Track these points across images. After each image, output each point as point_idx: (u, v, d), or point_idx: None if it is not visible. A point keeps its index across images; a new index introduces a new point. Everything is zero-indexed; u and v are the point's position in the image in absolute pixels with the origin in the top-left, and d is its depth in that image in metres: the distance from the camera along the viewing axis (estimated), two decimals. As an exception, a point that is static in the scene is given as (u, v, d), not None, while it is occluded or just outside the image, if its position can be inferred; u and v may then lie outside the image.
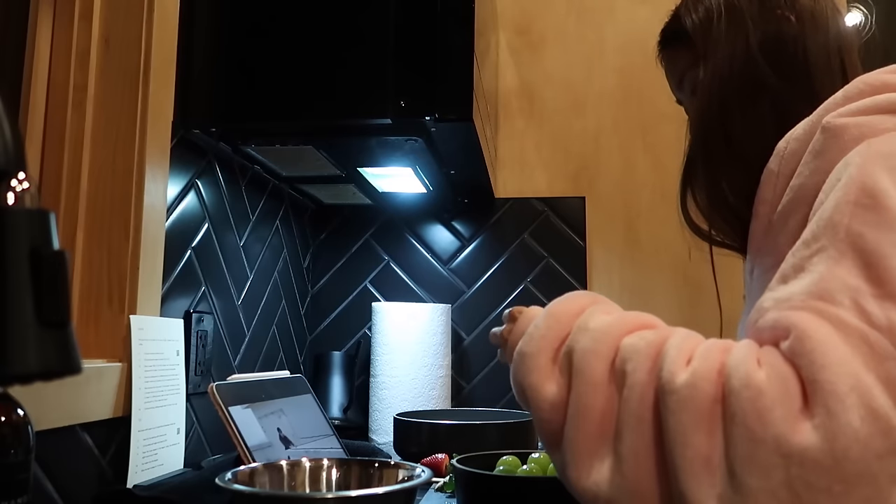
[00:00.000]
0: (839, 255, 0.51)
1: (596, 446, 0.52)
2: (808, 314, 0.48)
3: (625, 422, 0.51)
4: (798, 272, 0.53)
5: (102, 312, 0.96)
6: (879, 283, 0.48)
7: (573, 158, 1.77)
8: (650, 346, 0.53)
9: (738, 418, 0.45)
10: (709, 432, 0.47)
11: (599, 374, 0.54)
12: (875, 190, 0.52)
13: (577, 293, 0.64)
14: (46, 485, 0.81)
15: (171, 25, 1.08)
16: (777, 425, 0.44)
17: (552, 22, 1.82)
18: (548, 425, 0.56)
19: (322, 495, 0.77)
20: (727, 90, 0.73)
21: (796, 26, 0.73)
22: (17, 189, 0.37)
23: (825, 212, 0.54)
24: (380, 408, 1.52)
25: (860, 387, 0.43)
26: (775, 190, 0.66)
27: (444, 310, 1.58)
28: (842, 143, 0.60)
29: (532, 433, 1.23)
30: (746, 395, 0.46)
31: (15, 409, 0.52)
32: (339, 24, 1.15)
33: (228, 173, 1.30)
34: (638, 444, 0.50)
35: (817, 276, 0.51)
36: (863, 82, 0.64)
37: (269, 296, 1.50)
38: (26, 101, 0.97)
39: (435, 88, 1.13)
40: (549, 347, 0.58)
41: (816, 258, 0.52)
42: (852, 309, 0.47)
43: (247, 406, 0.95)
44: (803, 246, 0.54)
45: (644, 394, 0.51)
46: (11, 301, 0.35)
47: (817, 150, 0.62)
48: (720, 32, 0.74)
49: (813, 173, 0.61)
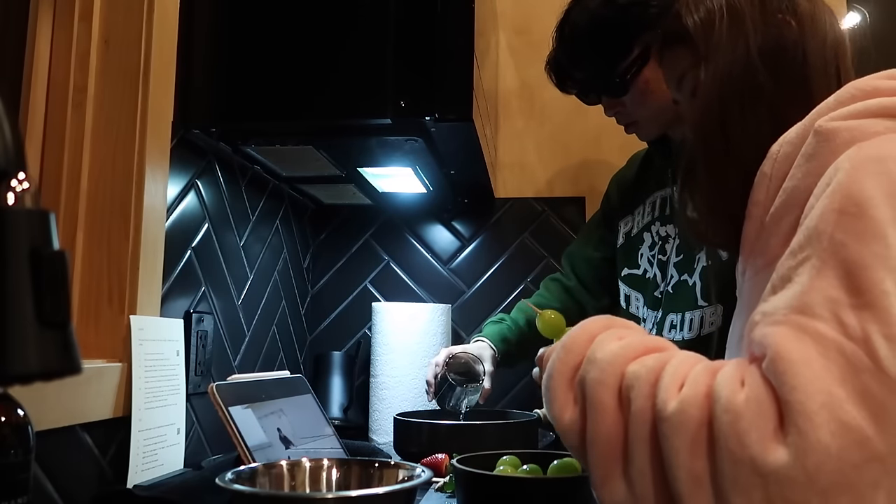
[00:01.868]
0: (822, 265, 0.52)
1: (612, 469, 0.56)
2: (786, 330, 0.51)
3: (632, 446, 0.54)
4: (785, 283, 0.55)
5: (102, 312, 0.96)
6: (858, 293, 0.49)
7: (573, 158, 1.77)
8: (650, 372, 0.55)
9: (720, 441, 0.49)
10: (697, 455, 0.50)
11: (608, 403, 0.57)
12: (861, 198, 0.53)
13: (591, 319, 0.67)
14: (46, 485, 0.81)
15: (171, 25, 1.08)
16: (753, 446, 0.47)
17: (552, 22, 1.80)
18: (573, 449, 0.61)
19: (322, 495, 0.77)
20: (727, 94, 0.73)
21: (796, 31, 0.73)
22: (17, 189, 0.37)
23: (811, 220, 0.55)
24: (380, 408, 1.52)
25: (831, 402, 0.46)
26: (768, 192, 0.67)
27: (444, 310, 1.58)
28: (833, 147, 0.61)
29: (532, 433, 1.23)
30: (726, 418, 0.49)
31: (15, 409, 0.52)
32: (339, 24, 1.15)
33: (228, 173, 1.30)
34: (644, 466, 0.53)
35: (799, 287, 0.53)
36: (854, 87, 0.64)
37: (269, 296, 1.50)
38: (26, 101, 0.97)
39: (435, 88, 1.13)
40: (565, 378, 0.62)
41: (801, 269, 0.54)
42: (831, 321, 0.49)
43: (247, 406, 0.95)
44: (790, 256, 0.56)
45: (645, 419, 0.54)
46: (11, 301, 0.35)
47: (809, 154, 0.63)
48: (721, 35, 0.74)
49: (805, 176, 0.62)
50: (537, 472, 0.87)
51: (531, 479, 0.83)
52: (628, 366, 0.58)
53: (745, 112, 0.72)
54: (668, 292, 1.18)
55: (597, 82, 1.19)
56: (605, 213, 1.42)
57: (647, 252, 1.26)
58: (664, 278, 1.20)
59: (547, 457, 0.89)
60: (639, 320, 1.26)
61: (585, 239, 1.46)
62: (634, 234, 1.29)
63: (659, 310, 1.20)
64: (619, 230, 1.34)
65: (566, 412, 0.61)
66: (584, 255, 1.43)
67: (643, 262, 1.26)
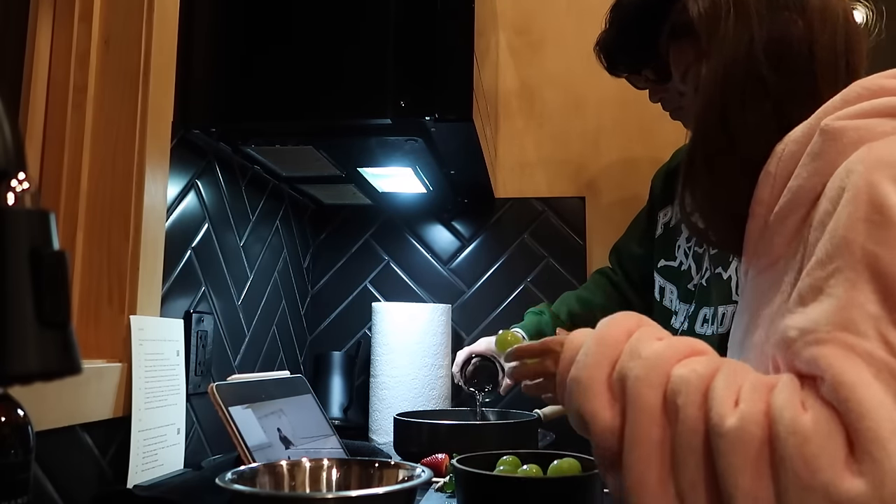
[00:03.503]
0: (856, 277, 0.52)
1: (652, 472, 0.54)
2: (836, 350, 0.50)
3: (681, 455, 0.53)
4: (816, 294, 0.54)
5: (102, 312, 0.96)
6: None
7: (573, 158, 1.77)
8: (701, 379, 0.54)
9: (786, 463, 0.48)
10: (757, 475, 0.49)
11: (652, 403, 0.55)
12: (884, 206, 0.53)
13: (623, 315, 0.65)
14: (46, 485, 0.81)
15: (171, 25, 1.08)
16: (825, 472, 0.46)
17: (552, 22, 1.82)
18: (605, 450, 0.58)
19: (322, 495, 0.77)
20: (729, 87, 0.71)
21: (803, 27, 0.71)
22: (17, 189, 0.37)
23: (838, 229, 0.55)
24: (380, 408, 1.52)
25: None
26: (772, 191, 0.67)
27: (444, 310, 1.58)
28: (840, 146, 0.60)
29: (532, 433, 1.23)
30: (793, 441, 0.48)
31: (15, 409, 0.52)
32: (339, 24, 1.15)
33: (228, 173, 1.30)
34: (696, 479, 0.52)
35: (836, 302, 0.52)
36: (861, 86, 0.64)
37: (269, 296, 1.50)
38: (26, 101, 0.97)
39: (435, 88, 1.13)
40: (602, 373, 0.60)
41: (833, 280, 0.53)
42: (876, 339, 0.49)
43: (247, 406, 0.95)
44: (818, 266, 0.55)
45: (696, 429, 0.52)
46: (11, 301, 0.35)
47: (815, 153, 0.62)
48: (727, 29, 0.72)
49: (811, 175, 0.62)
50: (537, 472, 0.87)
51: (531, 479, 0.83)
52: (674, 368, 0.56)
53: (747, 107, 0.71)
54: (702, 285, 1.17)
55: (642, 66, 1.18)
56: (649, 206, 1.42)
57: (684, 243, 1.25)
58: (699, 271, 1.19)
59: (547, 457, 0.89)
60: (671, 314, 1.25)
61: (630, 234, 1.46)
62: (673, 225, 1.29)
63: (692, 303, 1.19)
64: (658, 220, 1.34)
65: (604, 410, 0.58)
66: (628, 251, 1.44)
67: (679, 253, 1.26)
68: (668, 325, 1.26)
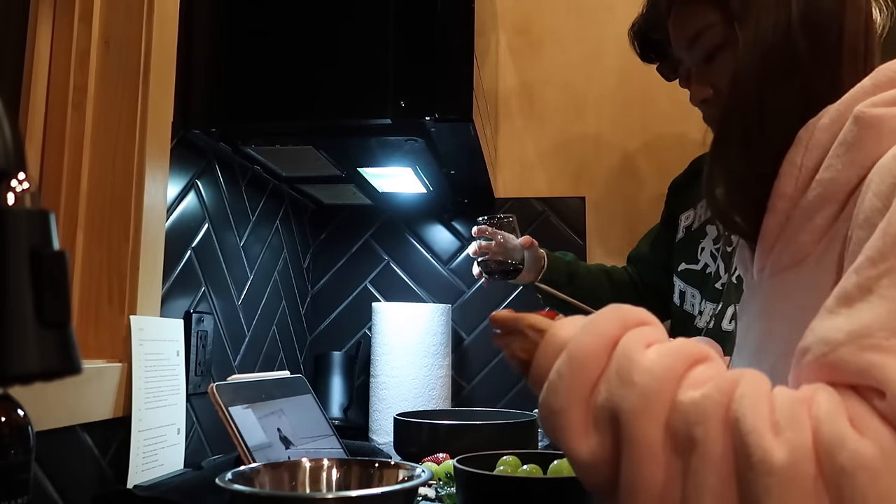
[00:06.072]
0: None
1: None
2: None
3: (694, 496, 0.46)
4: (865, 294, 0.49)
5: (102, 312, 0.96)
6: None
7: (573, 158, 1.77)
8: (717, 405, 0.47)
9: (857, 503, 0.42)
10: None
11: (654, 441, 0.48)
12: None
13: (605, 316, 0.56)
14: (46, 485, 0.81)
15: (171, 25, 1.08)
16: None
17: (552, 22, 1.82)
18: (588, 484, 0.53)
19: (322, 495, 0.77)
20: (767, 63, 0.65)
21: (836, 4, 0.65)
22: (17, 189, 0.37)
23: (891, 225, 0.50)
24: (380, 408, 1.52)
25: None
26: (797, 183, 0.61)
27: (444, 310, 1.58)
28: (879, 136, 0.56)
29: (532, 433, 1.23)
30: (863, 478, 0.42)
31: (15, 410, 0.52)
32: (339, 24, 1.15)
33: (228, 173, 1.30)
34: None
35: (891, 305, 0.47)
36: (892, 70, 0.59)
37: (269, 296, 1.50)
38: (26, 101, 0.97)
39: (435, 89, 1.13)
40: (579, 399, 0.52)
41: (887, 280, 0.48)
42: None
43: (247, 406, 0.95)
44: (869, 264, 0.50)
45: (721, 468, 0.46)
46: (11, 301, 0.35)
47: (850, 143, 0.57)
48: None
49: (846, 167, 0.57)
50: (537, 472, 0.87)
51: (531, 479, 0.83)
52: (678, 392, 0.49)
53: (783, 84, 0.64)
54: (733, 283, 1.16)
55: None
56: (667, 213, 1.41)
57: (709, 245, 1.25)
58: (728, 269, 1.19)
59: (547, 457, 0.89)
60: (693, 317, 1.25)
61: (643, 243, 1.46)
62: (696, 228, 1.29)
63: (719, 302, 1.19)
64: (679, 224, 1.33)
65: (583, 442, 0.51)
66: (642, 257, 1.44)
67: (703, 256, 1.25)
68: (689, 328, 1.25)
